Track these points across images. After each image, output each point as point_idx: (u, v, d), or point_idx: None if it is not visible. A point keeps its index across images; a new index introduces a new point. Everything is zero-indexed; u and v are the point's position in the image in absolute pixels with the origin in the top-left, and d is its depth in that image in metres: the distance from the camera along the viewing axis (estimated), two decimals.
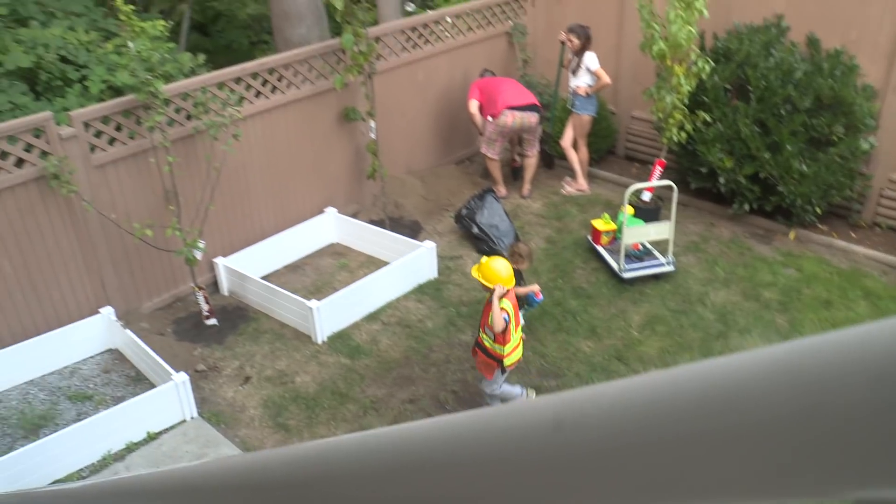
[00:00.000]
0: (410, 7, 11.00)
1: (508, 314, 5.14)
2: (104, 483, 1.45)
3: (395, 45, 8.24)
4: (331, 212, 7.99)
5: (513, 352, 5.32)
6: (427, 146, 8.96)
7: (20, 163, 5.85)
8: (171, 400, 5.61)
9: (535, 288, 6.19)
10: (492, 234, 7.68)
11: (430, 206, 8.54)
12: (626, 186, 8.21)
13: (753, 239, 7.85)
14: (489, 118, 8.23)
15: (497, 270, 5.16)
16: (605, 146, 9.17)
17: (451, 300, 7.08)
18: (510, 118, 8.09)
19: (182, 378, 5.62)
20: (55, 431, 5.32)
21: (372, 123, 7.67)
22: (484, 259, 5.30)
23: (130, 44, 5.91)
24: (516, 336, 5.33)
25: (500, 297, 5.15)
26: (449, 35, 8.75)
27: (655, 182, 7.71)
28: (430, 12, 9.29)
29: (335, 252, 7.97)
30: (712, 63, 7.54)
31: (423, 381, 6.14)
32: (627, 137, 9.35)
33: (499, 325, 5.13)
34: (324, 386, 6.10)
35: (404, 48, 8.32)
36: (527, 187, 8.70)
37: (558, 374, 6.15)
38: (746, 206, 7.87)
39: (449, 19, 8.71)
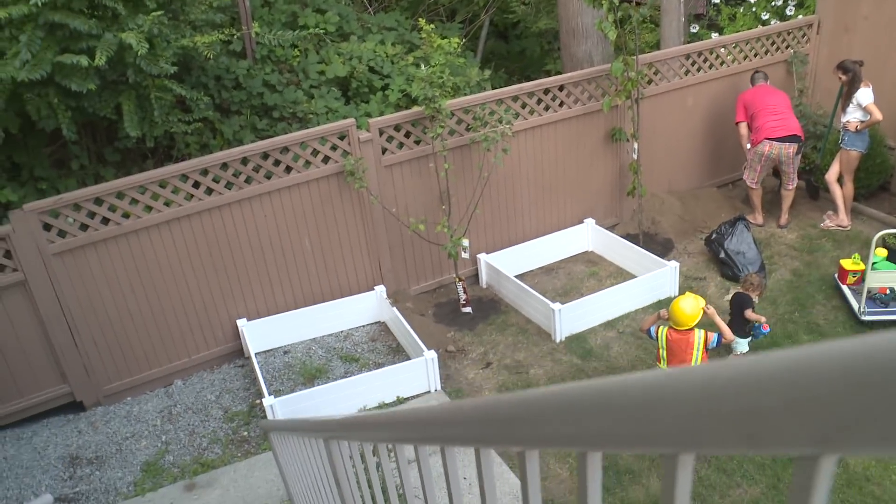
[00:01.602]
0: (695, 28, 11.42)
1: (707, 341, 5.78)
2: (373, 415, 1.87)
3: (668, 72, 8.83)
4: (589, 222, 8.78)
5: None
6: (690, 168, 9.46)
7: (326, 159, 7.26)
8: (420, 372, 6.75)
9: (763, 319, 6.62)
10: (737, 261, 8.08)
11: (685, 226, 9.06)
12: (894, 226, 8.24)
13: None
14: (748, 145, 8.69)
15: (683, 310, 5.78)
16: (876, 182, 9.14)
17: None
18: (768, 147, 8.44)
19: (432, 355, 6.73)
20: (326, 383, 6.69)
21: (635, 145, 8.35)
22: (673, 305, 5.89)
23: (423, 66, 7.06)
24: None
25: (712, 314, 5.84)
26: (725, 63, 9.16)
27: None
28: (710, 39, 9.74)
29: (588, 260, 8.76)
30: None
31: None
32: None
33: (728, 334, 5.94)
34: (553, 380, 6.95)
35: (676, 74, 8.88)
36: (784, 217, 8.94)
37: None
38: None
39: (724, 49, 9.12)
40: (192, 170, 6.83)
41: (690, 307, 5.80)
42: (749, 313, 6.59)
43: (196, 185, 6.92)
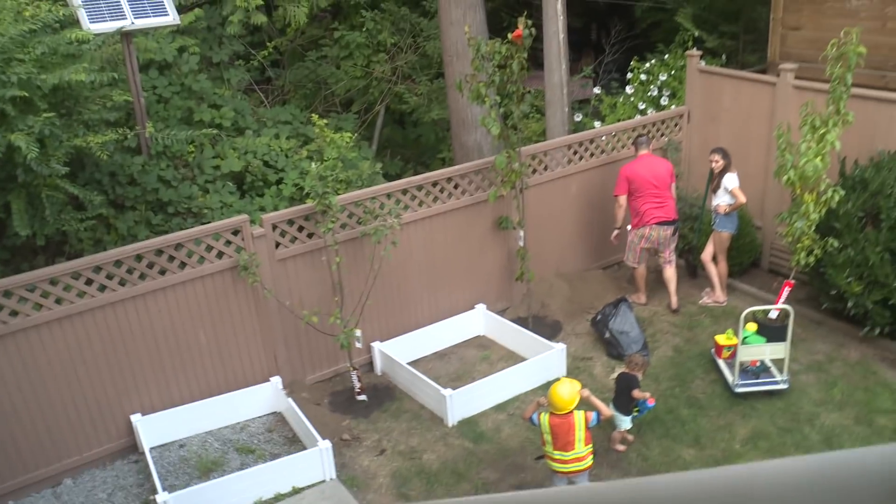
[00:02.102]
0: (578, 117, 12.14)
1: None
2: None
3: (552, 162, 9.39)
4: (480, 308, 9.18)
5: (572, 462, 6.24)
6: (576, 251, 10.00)
7: (220, 255, 7.50)
8: (315, 462, 6.93)
9: (647, 395, 7.08)
10: (622, 341, 8.56)
11: (573, 307, 9.53)
12: (765, 300, 8.88)
13: (883, 363, 8.24)
14: (628, 227, 9.23)
15: (561, 395, 6.13)
16: (747, 260, 9.83)
17: None
18: (648, 231, 9.07)
19: (326, 445, 6.93)
20: (222, 476, 6.81)
21: (521, 232, 8.83)
22: (551, 392, 6.24)
23: (313, 165, 7.41)
24: (582, 449, 6.26)
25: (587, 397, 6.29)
26: (606, 151, 9.80)
27: (770, 306, 8.30)
28: (593, 129, 10.41)
29: (480, 344, 9.12)
30: (842, 192, 8.08)
31: (533, 471, 7.11)
32: (772, 252, 9.94)
33: (605, 411, 6.35)
34: (446, 465, 7.22)
35: (560, 164, 9.46)
36: (674, 300, 9.46)
37: None
38: (877, 330, 8.28)
39: (604, 138, 9.78)
40: (85, 267, 6.97)
41: (567, 392, 6.17)
42: (636, 392, 7.05)
43: (89, 282, 7.05)
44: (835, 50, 7.71)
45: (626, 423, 7.20)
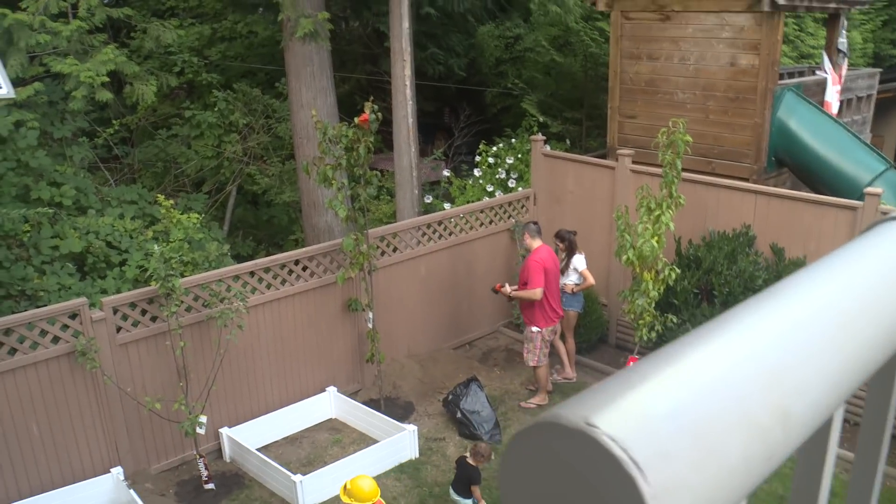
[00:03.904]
0: (429, 199, 12.48)
1: None
2: None
3: (401, 244, 9.60)
4: (331, 391, 9.17)
5: None
6: (427, 332, 10.18)
7: (56, 339, 7.25)
8: None
9: (478, 494, 7.24)
10: (473, 420, 8.72)
11: (425, 388, 9.66)
12: (611, 374, 9.23)
13: None
14: (535, 328, 8.87)
15: (362, 488, 6.18)
16: (595, 336, 10.26)
17: (426, 480, 8.08)
18: (557, 325, 9.14)
19: None
20: None
21: (370, 314, 8.94)
22: (347, 483, 6.28)
23: (156, 246, 7.34)
24: None
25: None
26: (454, 233, 10.10)
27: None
28: (442, 210, 10.72)
29: (332, 427, 9.09)
30: (678, 270, 8.60)
31: None
32: (618, 328, 10.42)
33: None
34: None
35: (409, 245, 9.68)
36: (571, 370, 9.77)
37: None
38: None
39: (453, 220, 10.09)
40: None
41: (368, 484, 6.24)
42: (475, 490, 7.18)
43: None
44: (665, 137, 8.31)
45: None
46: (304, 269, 8.77)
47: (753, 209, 9.01)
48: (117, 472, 7.66)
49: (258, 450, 8.21)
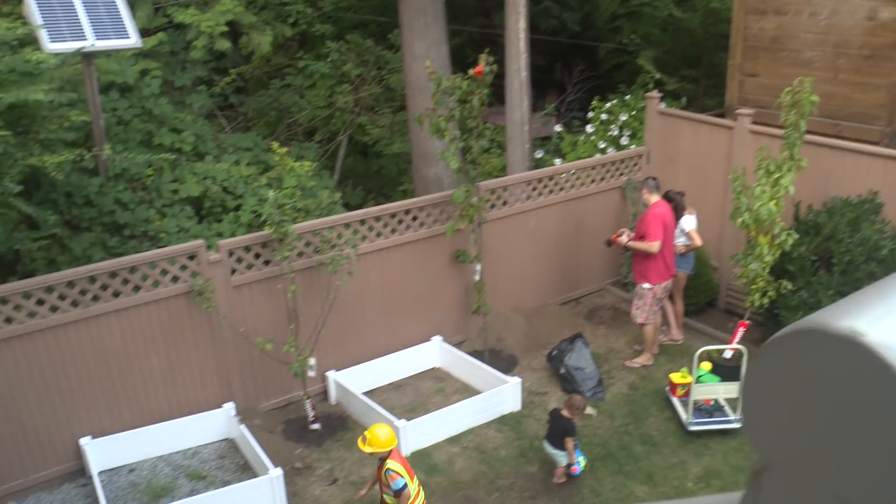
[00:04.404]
0: (539, 154, 12.45)
1: (401, 475, 6.17)
2: None
3: (511, 197, 9.64)
4: (436, 340, 9.34)
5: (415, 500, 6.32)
6: (534, 286, 10.22)
7: (175, 279, 7.60)
8: (265, 490, 7.02)
9: (574, 459, 7.28)
10: (577, 377, 8.76)
11: (529, 342, 9.74)
12: (720, 340, 9.14)
13: None
14: (646, 285, 8.86)
15: (378, 436, 6.20)
16: (704, 300, 10.13)
17: (527, 433, 8.18)
18: (670, 282, 9.04)
19: (277, 473, 7.02)
20: (171, 502, 6.88)
21: (478, 266, 9.04)
22: (366, 433, 6.30)
23: (271, 192, 7.57)
24: (413, 486, 6.30)
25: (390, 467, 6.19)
26: (564, 189, 10.07)
27: (725, 346, 8.56)
28: (552, 166, 10.70)
29: (436, 376, 9.28)
30: (796, 236, 8.38)
31: None
32: (728, 292, 10.25)
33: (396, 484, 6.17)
34: None
35: (518, 199, 9.71)
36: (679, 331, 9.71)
37: None
38: None
39: (564, 176, 10.06)
40: (37, 287, 7.04)
41: (384, 433, 6.24)
42: (568, 442, 7.23)
43: (40, 302, 7.11)
44: (789, 97, 8.08)
45: (561, 457, 7.37)
46: (415, 219, 8.91)
47: (882, 175, 8.67)
48: (229, 407, 8.03)
49: (363, 394, 8.45)
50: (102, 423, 7.61)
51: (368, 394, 8.64)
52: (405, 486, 6.16)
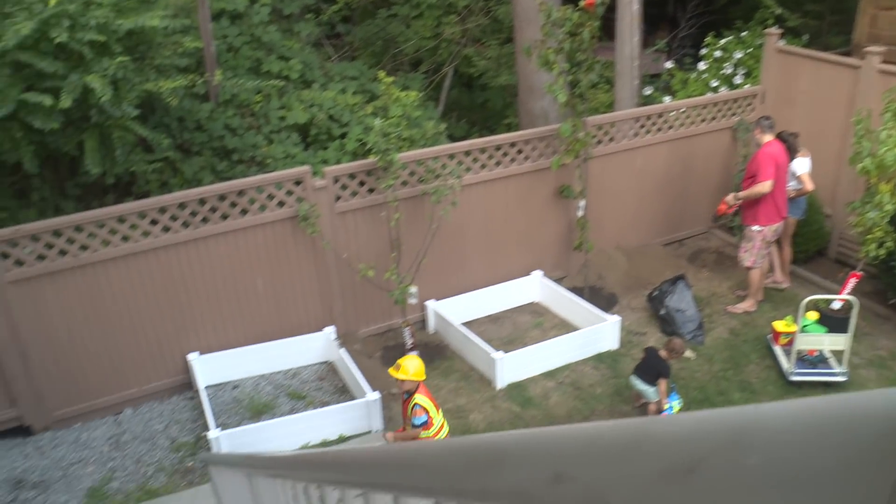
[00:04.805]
0: (648, 91, 12.21)
1: (426, 410, 6.20)
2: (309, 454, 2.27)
3: (618, 134, 9.52)
4: (536, 275, 9.38)
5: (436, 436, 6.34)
6: (638, 225, 10.13)
7: (281, 204, 7.82)
8: (362, 412, 7.26)
9: (665, 404, 7.25)
10: (677, 318, 8.69)
11: (630, 281, 9.69)
12: (829, 290, 8.91)
13: None
14: (756, 227, 8.66)
15: (408, 367, 6.22)
16: (813, 248, 9.85)
17: (624, 372, 8.19)
18: (780, 225, 8.80)
19: (375, 396, 7.24)
20: (272, 419, 7.19)
21: (582, 202, 9.00)
22: (400, 361, 6.31)
23: (377, 121, 7.67)
24: (438, 420, 6.32)
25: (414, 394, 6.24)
26: (673, 127, 9.88)
27: (834, 296, 8.33)
28: (662, 103, 10.49)
29: (534, 311, 9.34)
30: None
31: None
32: (840, 242, 9.94)
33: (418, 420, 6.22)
34: (491, 426, 7.47)
35: (626, 136, 9.58)
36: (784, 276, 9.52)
37: None
38: None
39: (674, 114, 9.85)
40: (151, 208, 7.35)
41: (413, 365, 6.26)
42: (661, 384, 7.21)
43: (153, 222, 7.42)
44: None
45: (651, 393, 7.36)
46: (520, 152, 8.90)
47: None
48: (330, 331, 8.28)
49: (461, 325, 8.58)
50: (209, 341, 7.95)
51: (467, 324, 8.76)
52: (424, 423, 6.20)
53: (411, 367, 6.22)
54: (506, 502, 0.86)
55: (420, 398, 6.21)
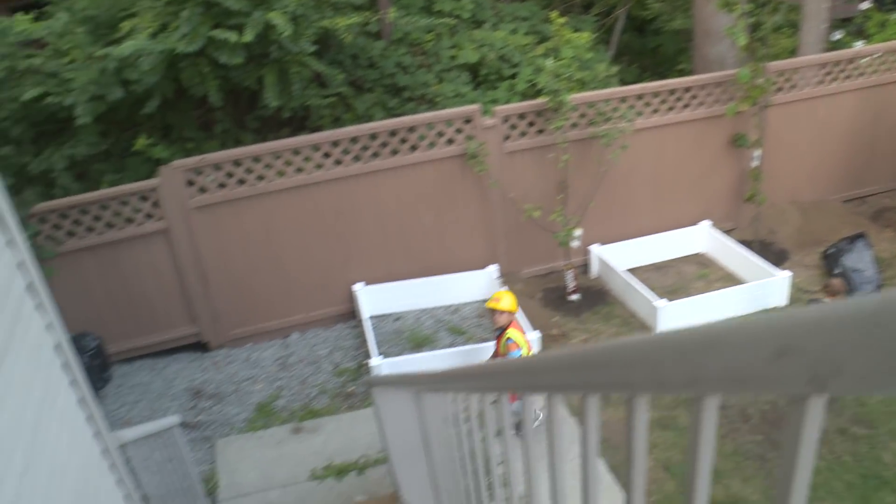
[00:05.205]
0: (837, 35, 11.59)
1: (521, 347, 6.18)
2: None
3: (801, 81, 9.12)
4: (704, 225, 9.19)
5: None
6: (815, 180, 9.72)
7: (450, 142, 7.95)
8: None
9: None
10: (854, 278, 8.33)
11: (803, 237, 9.34)
12: None
13: None
14: None
15: (502, 301, 6.31)
16: None
17: None
18: None
19: (535, 336, 7.32)
20: (432, 350, 7.41)
21: (757, 152, 8.72)
22: (496, 293, 6.42)
23: (548, 61, 7.65)
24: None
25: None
26: (865, 74, 9.36)
27: None
28: (852, 49, 9.93)
29: (700, 262, 9.18)
30: None
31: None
32: None
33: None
34: None
35: (809, 84, 9.16)
36: None
37: (871, 426, 6.83)
38: None
39: (866, 60, 9.33)
40: (324, 141, 7.65)
41: (507, 299, 6.39)
42: None
43: (326, 155, 7.72)
44: None
45: None
46: (694, 97, 8.68)
47: None
48: (493, 269, 8.41)
49: (625, 271, 8.53)
50: (374, 272, 8.24)
51: (630, 271, 8.70)
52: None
53: (506, 301, 6.38)
54: (717, 386, 0.89)
55: (513, 332, 6.32)
